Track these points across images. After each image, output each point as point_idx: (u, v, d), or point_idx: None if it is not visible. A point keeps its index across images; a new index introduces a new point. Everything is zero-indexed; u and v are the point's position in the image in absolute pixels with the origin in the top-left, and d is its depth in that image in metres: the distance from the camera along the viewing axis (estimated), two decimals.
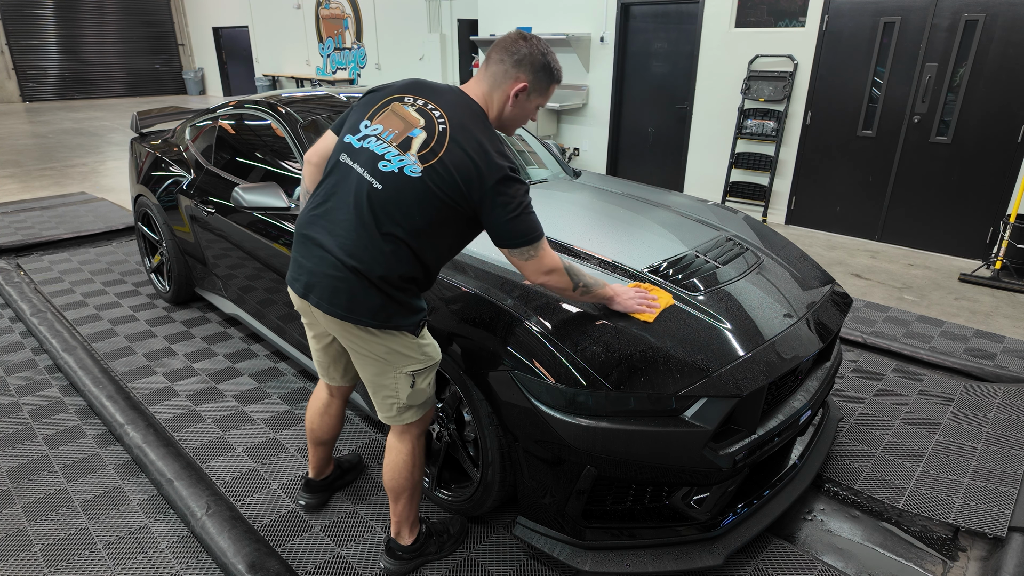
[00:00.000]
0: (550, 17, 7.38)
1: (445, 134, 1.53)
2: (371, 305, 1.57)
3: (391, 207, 1.53)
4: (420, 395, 1.74)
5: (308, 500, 2.20)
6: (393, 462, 1.82)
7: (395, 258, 1.55)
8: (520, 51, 1.59)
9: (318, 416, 2.06)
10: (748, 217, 2.92)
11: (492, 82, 1.61)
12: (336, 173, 1.63)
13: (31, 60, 16.45)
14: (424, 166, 1.51)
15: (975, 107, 4.78)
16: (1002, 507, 2.23)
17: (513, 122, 1.68)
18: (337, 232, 1.57)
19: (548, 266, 1.63)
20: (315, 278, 1.60)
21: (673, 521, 1.90)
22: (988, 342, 3.55)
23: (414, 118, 1.57)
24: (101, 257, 4.84)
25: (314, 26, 13.34)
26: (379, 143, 1.57)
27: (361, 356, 1.69)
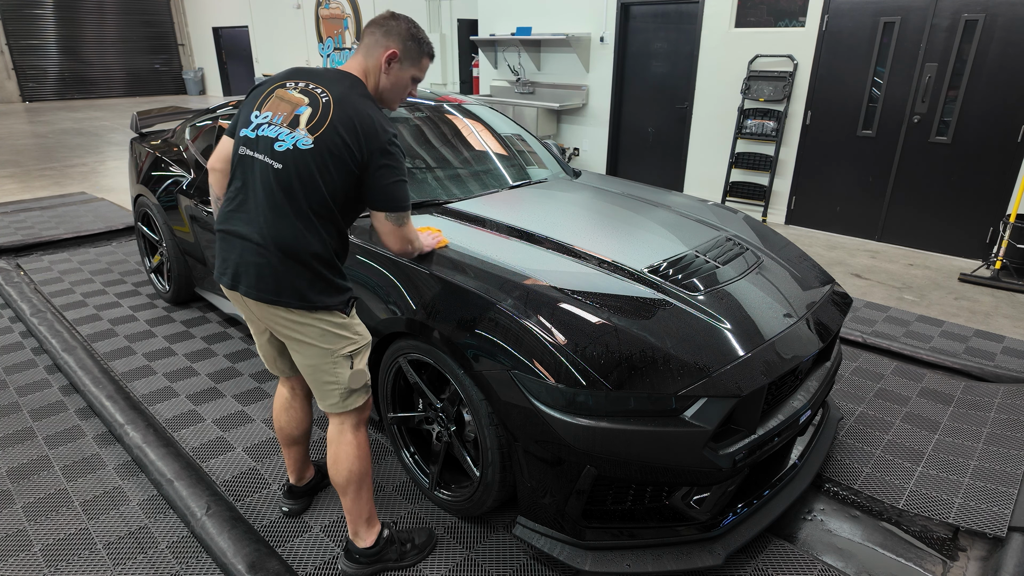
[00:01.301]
0: (550, 17, 7.38)
1: (329, 105, 1.61)
2: (298, 286, 1.62)
3: (295, 183, 1.59)
4: (360, 377, 1.76)
5: (291, 506, 2.18)
6: (334, 455, 1.82)
7: (312, 232, 1.61)
8: (388, 24, 1.71)
9: (283, 413, 2.05)
10: (748, 217, 2.92)
11: (366, 53, 1.72)
12: (241, 167, 1.69)
13: (31, 60, 16.44)
14: (314, 136, 1.58)
15: (975, 107, 4.78)
16: (1002, 507, 2.23)
17: (391, 92, 1.75)
18: (254, 220, 1.62)
19: (410, 236, 1.78)
20: (240, 267, 1.65)
21: (673, 521, 1.90)
22: (988, 342, 3.55)
23: (298, 98, 1.65)
24: (101, 257, 4.84)
25: (314, 26, 13.34)
26: (271, 127, 1.64)
27: (297, 343, 1.72)
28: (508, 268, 2.05)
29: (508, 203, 2.73)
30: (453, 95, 3.62)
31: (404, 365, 2.15)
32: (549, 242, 2.30)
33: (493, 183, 3.01)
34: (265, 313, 1.68)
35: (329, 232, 1.64)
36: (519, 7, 7.68)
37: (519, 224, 2.44)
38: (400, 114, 3.14)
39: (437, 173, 2.94)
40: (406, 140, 3.06)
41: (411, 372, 2.14)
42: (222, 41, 17.18)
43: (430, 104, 3.31)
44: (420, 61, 1.76)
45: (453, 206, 2.63)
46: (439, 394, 2.14)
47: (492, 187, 2.96)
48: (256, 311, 1.70)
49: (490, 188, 2.94)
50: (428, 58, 1.78)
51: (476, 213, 2.55)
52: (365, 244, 2.29)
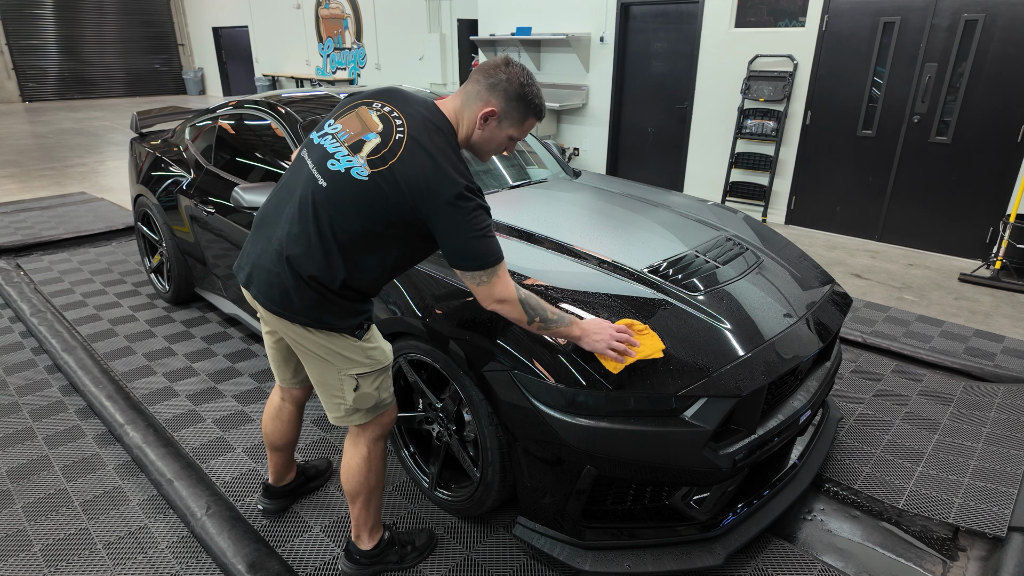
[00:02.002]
0: (550, 17, 7.38)
1: (401, 143, 1.48)
2: (304, 304, 1.56)
3: (331, 207, 1.50)
4: (367, 399, 1.69)
5: (266, 505, 2.17)
6: (347, 465, 1.80)
7: (328, 262, 1.52)
8: (497, 76, 1.54)
9: (270, 420, 2.02)
10: (748, 217, 2.92)
11: (464, 100, 1.57)
12: (293, 167, 1.65)
13: (31, 60, 16.44)
14: (372, 171, 1.48)
15: (975, 107, 4.78)
16: (1002, 507, 2.23)
17: (482, 147, 1.62)
18: (282, 225, 1.57)
19: (499, 295, 1.55)
20: (256, 270, 1.61)
21: (673, 521, 1.90)
22: (988, 342, 3.55)
23: (373, 122, 1.54)
24: (101, 257, 4.84)
25: (314, 26, 13.34)
26: (333, 142, 1.56)
27: (304, 353, 1.67)
28: (508, 268, 2.05)
29: (508, 203, 2.73)
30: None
31: (404, 365, 2.15)
32: (549, 242, 2.30)
33: (493, 183, 3.01)
34: (272, 319, 1.64)
35: (349, 266, 1.54)
36: (519, 7, 7.68)
37: (519, 224, 2.44)
38: None
39: None
40: None
41: (411, 372, 2.15)
42: (222, 41, 17.17)
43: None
44: (523, 123, 1.59)
45: None
46: (439, 394, 2.14)
47: (492, 187, 2.96)
48: (265, 316, 1.67)
49: (490, 188, 2.94)
50: (535, 119, 1.60)
51: None
52: None
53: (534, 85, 1.57)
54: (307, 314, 1.57)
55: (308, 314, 1.57)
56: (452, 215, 1.46)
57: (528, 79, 1.55)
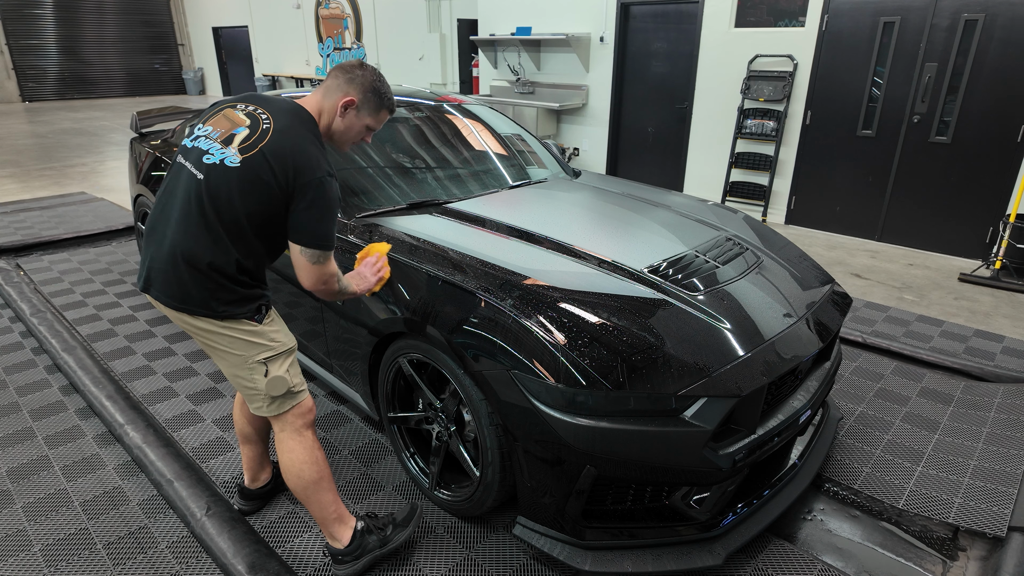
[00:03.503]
0: (550, 17, 7.38)
1: (268, 131, 1.62)
2: (201, 295, 1.63)
3: (214, 197, 1.60)
4: (279, 384, 1.74)
5: (241, 506, 2.19)
6: (285, 464, 1.82)
7: (220, 247, 1.61)
8: (354, 72, 1.74)
9: (238, 407, 2.06)
10: (748, 217, 2.92)
11: (325, 93, 1.74)
12: (171, 174, 1.73)
13: (31, 60, 16.43)
14: (243, 156, 1.60)
15: (975, 107, 4.78)
16: (1002, 507, 2.23)
17: (342, 136, 1.78)
18: (170, 226, 1.65)
19: (328, 275, 1.70)
20: (152, 272, 1.68)
21: (673, 521, 1.90)
22: (988, 342, 3.55)
23: (241, 119, 1.68)
24: (101, 257, 4.84)
25: (314, 26, 13.33)
26: (206, 140, 1.67)
27: (211, 349, 1.74)
28: (508, 268, 2.05)
29: (508, 203, 2.73)
30: (453, 95, 3.62)
31: (404, 365, 2.15)
32: (549, 242, 2.30)
33: (493, 183, 3.01)
34: (178, 319, 1.70)
35: (240, 250, 1.64)
36: (519, 7, 7.68)
37: (519, 224, 2.44)
38: (400, 114, 3.14)
39: (437, 173, 2.94)
40: (406, 140, 3.06)
41: (411, 372, 2.15)
42: (222, 41, 17.17)
43: (430, 104, 3.31)
44: (378, 113, 1.79)
45: (453, 206, 2.63)
46: (439, 394, 2.14)
47: (492, 187, 2.96)
48: (171, 317, 1.72)
49: (490, 188, 2.94)
50: (388, 111, 1.81)
51: (476, 213, 2.55)
52: (364, 244, 2.29)
53: (385, 84, 1.79)
54: (206, 305, 1.64)
55: (207, 304, 1.64)
56: (314, 195, 1.60)
57: (380, 77, 1.78)
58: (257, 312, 1.71)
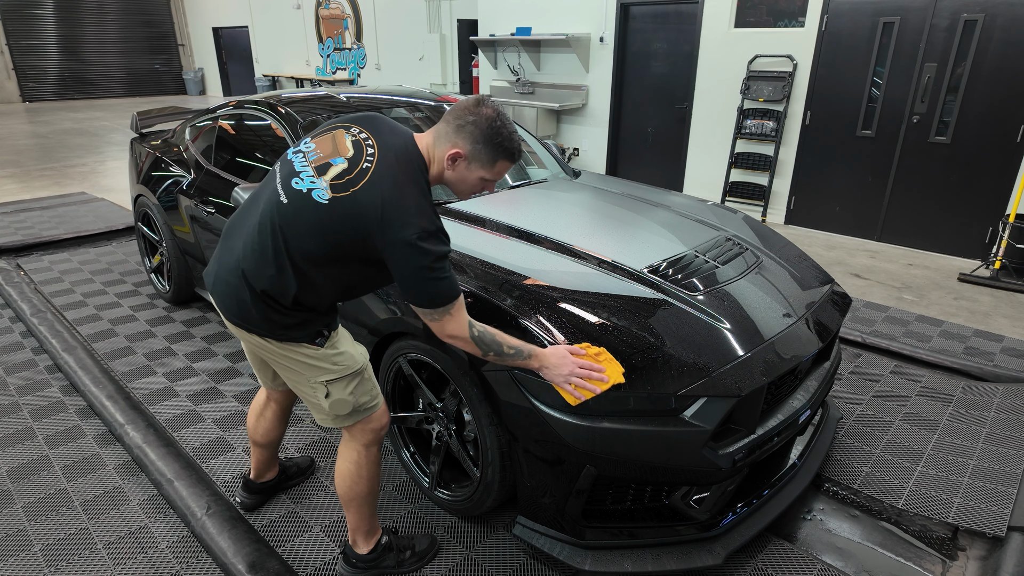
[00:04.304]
0: (550, 17, 7.38)
1: (366, 172, 1.46)
2: (260, 316, 1.56)
3: (288, 226, 1.50)
4: (342, 405, 1.66)
5: (244, 499, 2.18)
6: (339, 470, 1.79)
7: (281, 278, 1.51)
8: (465, 118, 1.49)
9: (254, 417, 2.04)
10: (747, 217, 2.92)
11: (435, 139, 1.54)
12: (266, 178, 1.65)
13: (31, 60, 16.44)
14: (332, 195, 1.46)
15: (974, 107, 4.78)
16: (1001, 507, 2.23)
17: (455, 186, 1.59)
18: (243, 237, 1.58)
19: (450, 332, 1.54)
20: (218, 281, 1.62)
21: (673, 521, 1.90)
22: (987, 342, 3.55)
23: (345, 147, 1.52)
24: (101, 257, 4.84)
25: (314, 26, 13.34)
26: (303, 160, 1.55)
27: (275, 364, 1.68)
28: (508, 268, 2.05)
29: (508, 203, 2.73)
30: (453, 95, 3.62)
31: (404, 365, 2.15)
32: (549, 242, 2.31)
33: None
34: (238, 332, 1.65)
35: (300, 286, 1.53)
36: (519, 7, 7.69)
37: (519, 224, 2.44)
38: (400, 114, 3.14)
39: None
40: None
41: (411, 372, 2.15)
42: (222, 41, 17.18)
43: (430, 104, 3.31)
44: (493, 165, 1.54)
45: (453, 206, 2.63)
46: (439, 394, 2.14)
47: None
48: (230, 328, 1.67)
49: None
50: (508, 161, 1.54)
51: (476, 213, 2.55)
52: None
53: (505, 128, 1.51)
54: (263, 326, 1.57)
55: (264, 326, 1.57)
56: (405, 255, 1.43)
57: (499, 122, 1.50)
58: (318, 336, 1.61)
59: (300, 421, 2.73)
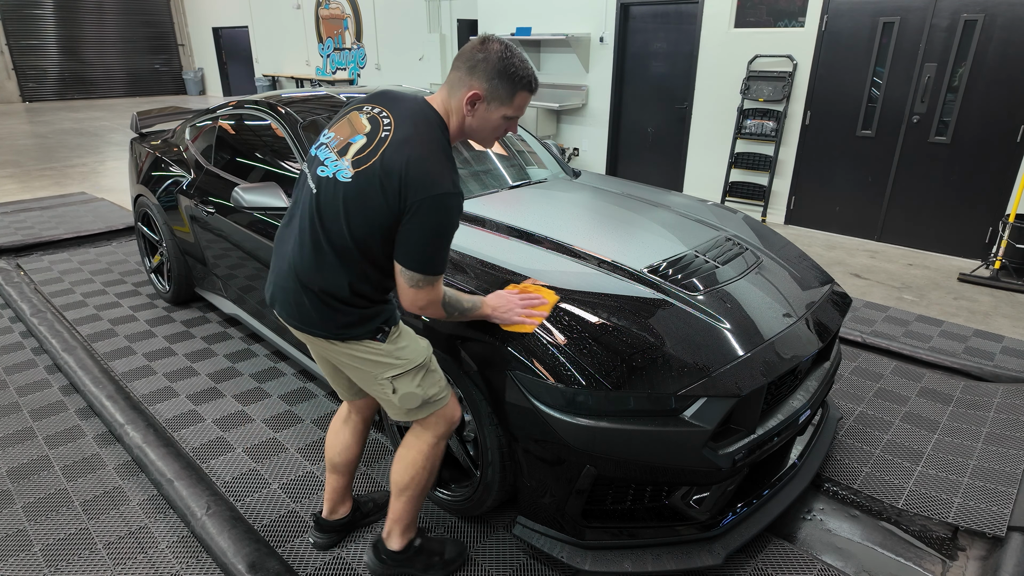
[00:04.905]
0: (549, 17, 7.38)
1: (385, 140, 1.46)
2: (321, 317, 1.55)
3: (323, 214, 1.50)
4: (411, 399, 1.64)
5: (317, 539, 2.04)
6: (402, 456, 1.76)
7: (330, 271, 1.51)
8: (475, 57, 1.47)
9: (335, 432, 1.95)
10: (747, 217, 2.92)
11: (449, 90, 1.52)
12: (298, 185, 1.66)
13: (31, 60, 16.43)
14: (355, 171, 1.46)
15: (974, 107, 4.78)
16: (1001, 506, 2.23)
17: (477, 133, 1.56)
18: (292, 242, 1.58)
19: (426, 301, 1.54)
20: (276, 290, 1.63)
21: (673, 521, 1.90)
22: (987, 342, 3.55)
23: (362, 124, 1.53)
24: (101, 257, 4.84)
25: (314, 26, 13.34)
26: (326, 150, 1.56)
27: (343, 366, 1.67)
28: (508, 268, 2.05)
29: (508, 203, 2.73)
30: None
31: None
32: (549, 242, 2.31)
33: (493, 183, 3.01)
34: (302, 336, 1.63)
35: (352, 273, 1.51)
36: (519, 7, 7.69)
37: (519, 224, 2.44)
38: None
39: None
40: None
41: None
42: (222, 41, 17.17)
43: None
44: (513, 99, 1.50)
45: None
46: None
47: (492, 187, 2.96)
48: (296, 335, 1.66)
49: (490, 188, 2.94)
50: (525, 92, 1.52)
51: (476, 213, 2.55)
52: None
53: (516, 57, 1.48)
54: (325, 327, 1.56)
55: (326, 327, 1.56)
56: (425, 213, 1.42)
57: (508, 52, 1.47)
58: (379, 332, 1.58)
59: (300, 421, 2.73)
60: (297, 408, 2.82)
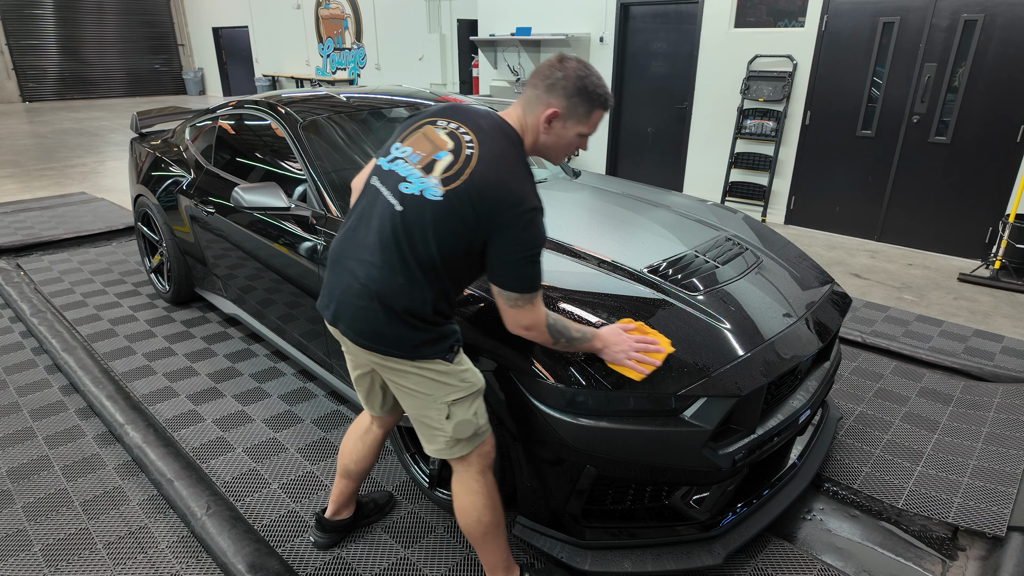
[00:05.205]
0: (549, 17, 7.38)
1: (471, 158, 1.46)
2: (397, 336, 1.51)
3: (409, 232, 1.47)
4: (466, 427, 1.60)
5: (318, 539, 2.04)
6: (461, 506, 1.69)
7: (417, 289, 1.48)
8: (553, 75, 1.50)
9: (350, 441, 1.92)
10: (747, 217, 2.92)
11: (526, 107, 1.54)
12: (366, 196, 1.60)
13: (31, 60, 16.44)
14: (445, 189, 1.45)
15: (974, 107, 4.78)
16: (1001, 506, 2.23)
17: (552, 150, 1.58)
18: (363, 258, 1.52)
19: (529, 321, 1.53)
20: (342, 306, 1.56)
21: (673, 521, 1.90)
22: (987, 342, 3.55)
23: (443, 140, 1.52)
24: (101, 257, 4.84)
25: (314, 26, 13.34)
26: (405, 165, 1.53)
27: (398, 388, 1.62)
28: None
29: None
30: (453, 95, 3.62)
31: None
32: (549, 242, 2.30)
33: None
34: (364, 354, 1.58)
35: (435, 290, 1.50)
36: (519, 7, 7.69)
37: None
38: (400, 114, 3.14)
39: None
40: None
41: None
42: (222, 41, 17.18)
43: (430, 104, 3.31)
44: (589, 117, 1.53)
45: None
46: None
47: None
48: (355, 351, 1.61)
49: None
50: (601, 110, 1.54)
51: None
52: None
53: (594, 75, 1.52)
54: (399, 346, 1.52)
55: (400, 346, 1.52)
56: (516, 232, 1.44)
57: (586, 71, 1.51)
58: (450, 351, 1.57)
59: (300, 421, 2.73)
60: (297, 408, 2.82)
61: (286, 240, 2.64)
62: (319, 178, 2.61)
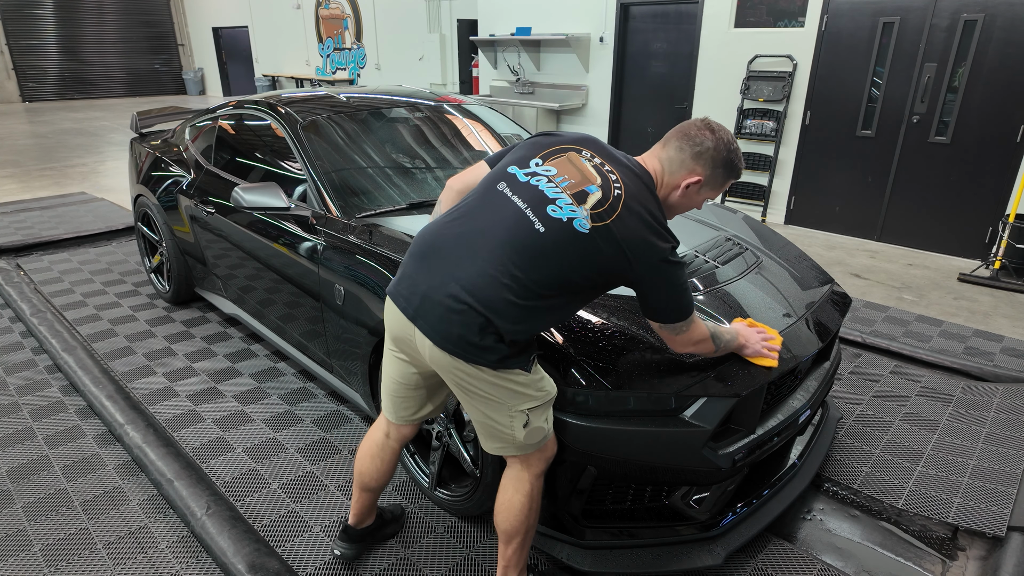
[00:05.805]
0: (550, 17, 7.38)
1: (619, 200, 1.46)
2: (485, 344, 1.46)
3: (542, 255, 1.44)
4: (537, 433, 1.59)
5: (345, 550, 1.97)
6: (508, 503, 1.65)
7: (525, 308, 1.45)
8: (704, 143, 1.52)
9: (368, 459, 1.87)
10: (747, 217, 2.92)
11: (668, 167, 1.56)
12: (488, 198, 1.53)
13: (31, 60, 16.44)
14: (592, 225, 1.44)
15: (974, 107, 4.78)
16: (1001, 507, 2.24)
17: (676, 210, 1.62)
18: (469, 263, 1.46)
19: (697, 337, 1.62)
20: (428, 303, 1.48)
21: (673, 521, 1.90)
22: (987, 342, 3.55)
23: (591, 174, 1.50)
24: (101, 257, 4.84)
25: (314, 26, 13.34)
26: (551, 185, 1.49)
27: (470, 394, 1.56)
28: None
29: None
30: (453, 95, 3.62)
31: None
32: None
33: None
34: (438, 356, 1.51)
35: (537, 312, 1.47)
36: (519, 7, 7.69)
37: None
38: (400, 114, 3.14)
39: (437, 173, 2.94)
40: (406, 140, 3.07)
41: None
42: (222, 41, 17.18)
43: (430, 104, 3.31)
44: (723, 185, 1.59)
45: None
46: None
47: None
48: (426, 352, 1.53)
49: None
50: (733, 179, 1.60)
51: None
52: (364, 244, 2.29)
53: (736, 146, 1.56)
54: (484, 354, 1.47)
55: (486, 354, 1.47)
56: (662, 275, 1.48)
57: (733, 142, 1.55)
58: (529, 361, 1.55)
59: (300, 421, 2.73)
60: (297, 408, 2.82)
61: (286, 240, 2.64)
62: (319, 178, 2.61)
